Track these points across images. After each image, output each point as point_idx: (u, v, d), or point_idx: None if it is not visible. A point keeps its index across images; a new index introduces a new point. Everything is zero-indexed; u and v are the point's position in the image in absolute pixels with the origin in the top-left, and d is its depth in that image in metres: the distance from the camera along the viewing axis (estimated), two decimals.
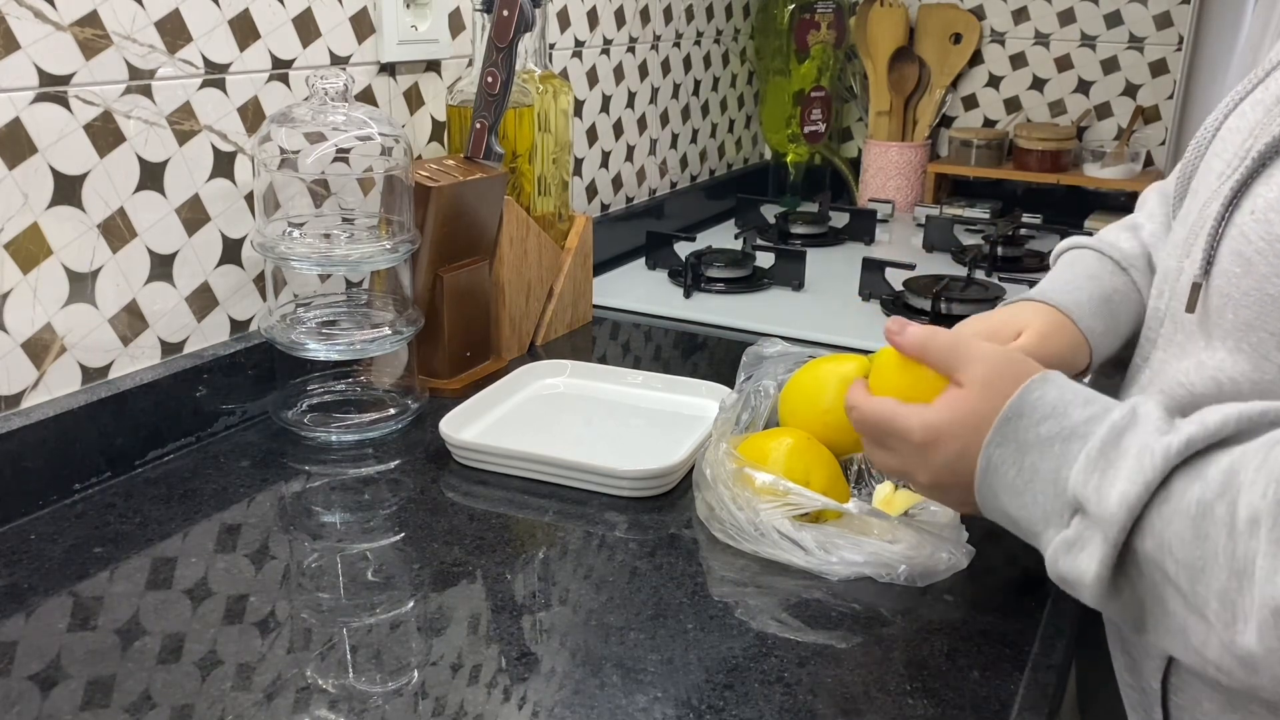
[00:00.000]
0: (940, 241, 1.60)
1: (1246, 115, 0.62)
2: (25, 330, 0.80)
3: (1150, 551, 0.50)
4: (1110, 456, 0.52)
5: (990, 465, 0.58)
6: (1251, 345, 0.56)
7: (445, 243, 1.02)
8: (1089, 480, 0.52)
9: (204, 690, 0.61)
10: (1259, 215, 0.55)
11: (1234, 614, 0.46)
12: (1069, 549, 0.53)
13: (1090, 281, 0.76)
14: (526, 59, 1.13)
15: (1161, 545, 0.49)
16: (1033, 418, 0.57)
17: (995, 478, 0.58)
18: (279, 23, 0.96)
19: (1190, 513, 0.48)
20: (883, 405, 0.65)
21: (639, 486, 0.84)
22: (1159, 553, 0.50)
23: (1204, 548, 0.47)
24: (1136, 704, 0.66)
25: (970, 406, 0.60)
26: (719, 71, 1.82)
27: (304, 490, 0.86)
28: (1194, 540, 0.48)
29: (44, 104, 0.79)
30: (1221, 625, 0.47)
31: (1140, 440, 0.51)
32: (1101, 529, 0.51)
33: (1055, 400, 0.57)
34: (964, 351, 0.62)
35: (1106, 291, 0.75)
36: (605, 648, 0.65)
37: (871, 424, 0.66)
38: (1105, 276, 0.76)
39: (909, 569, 0.72)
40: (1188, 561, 0.48)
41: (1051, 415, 0.56)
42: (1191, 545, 0.48)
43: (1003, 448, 0.57)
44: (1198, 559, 0.48)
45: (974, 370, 0.61)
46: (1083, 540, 0.52)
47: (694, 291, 1.37)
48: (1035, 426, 0.56)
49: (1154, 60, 1.79)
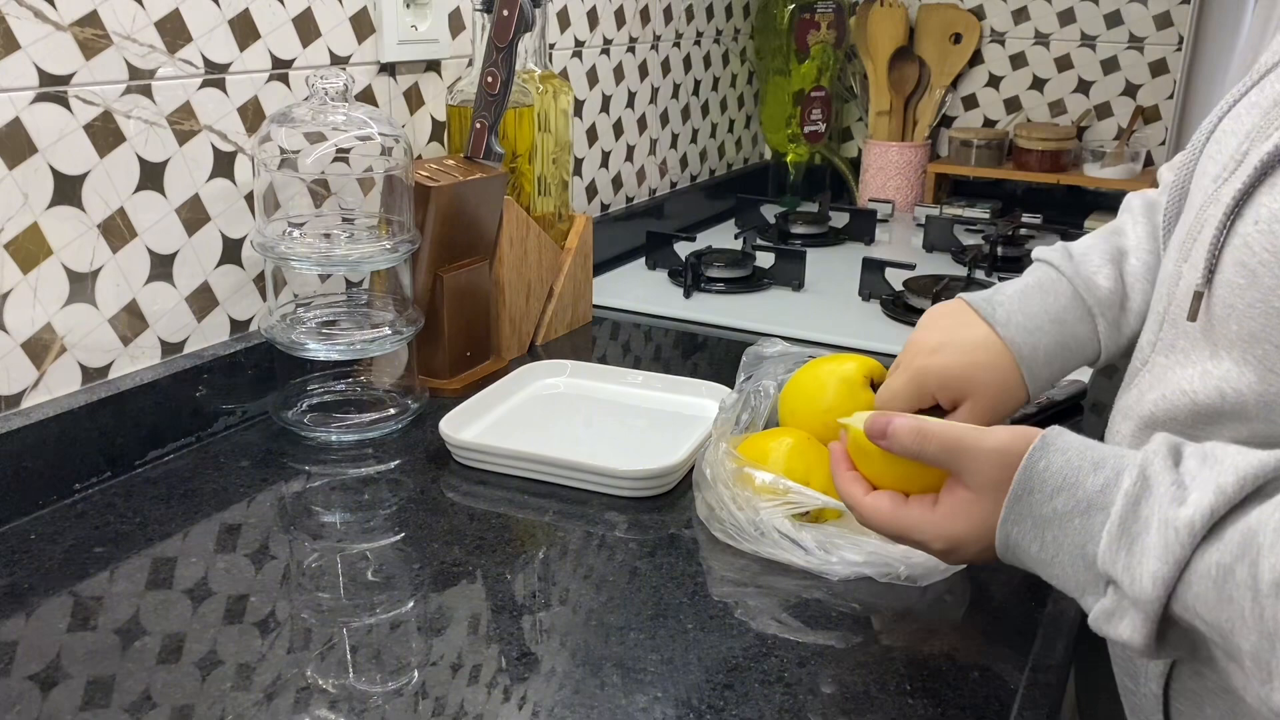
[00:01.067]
0: (940, 241, 1.60)
1: (1242, 118, 0.62)
2: (25, 330, 0.80)
3: (1178, 614, 0.50)
4: (1133, 531, 0.51)
5: (1010, 542, 0.57)
6: (1257, 358, 0.55)
7: (445, 243, 1.02)
8: (1117, 559, 0.51)
9: (204, 690, 0.61)
10: (1264, 226, 0.55)
11: (1269, 673, 0.46)
12: (1110, 618, 0.52)
13: (1054, 327, 0.75)
14: (526, 59, 1.13)
15: (1186, 609, 0.49)
16: (1044, 492, 0.55)
17: (1019, 553, 0.57)
18: (279, 23, 0.96)
19: (1211, 575, 0.48)
20: (888, 512, 0.62)
21: (639, 486, 0.84)
22: (1186, 614, 0.50)
23: (1229, 610, 0.47)
24: (1138, 709, 0.66)
25: (984, 511, 0.58)
26: (719, 71, 1.82)
27: (304, 490, 0.86)
28: (1218, 603, 0.48)
29: (44, 104, 0.79)
30: (1257, 682, 0.47)
31: (1160, 513, 0.50)
32: (1139, 607, 0.50)
33: (1062, 468, 0.55)
34: (963, 457, 0.59)
35: (1065, 340, 0.75)
36: (605, 648, 0.65)
37: (881, 527, 0.64)
38: (1071, 322, 0.75)
39: (909, 569, 0.71)
40: (1215, 623, 0.48)
41: (1064, 488, 0.54)
42: (1216, 608, 0.48)
43: (1019, 525, 0.56)
44: (1225, 621, 0.48)
45: (981, 474, 0.58)
46: (1121, 610, 0.52)
47: (694, 291, 1.37)
48: (1049, 501, 0.55)
49: (1154, 60, 1.79)
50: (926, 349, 0.76)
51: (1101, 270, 0.76)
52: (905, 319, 1.27)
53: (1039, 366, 0.74)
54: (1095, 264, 0.77)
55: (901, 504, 0.62)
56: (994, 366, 0.74)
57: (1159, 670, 0.62)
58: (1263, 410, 0.55)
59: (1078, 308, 0.76)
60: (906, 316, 1.27)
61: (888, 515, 0.63)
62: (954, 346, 0.75)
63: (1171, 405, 0.61)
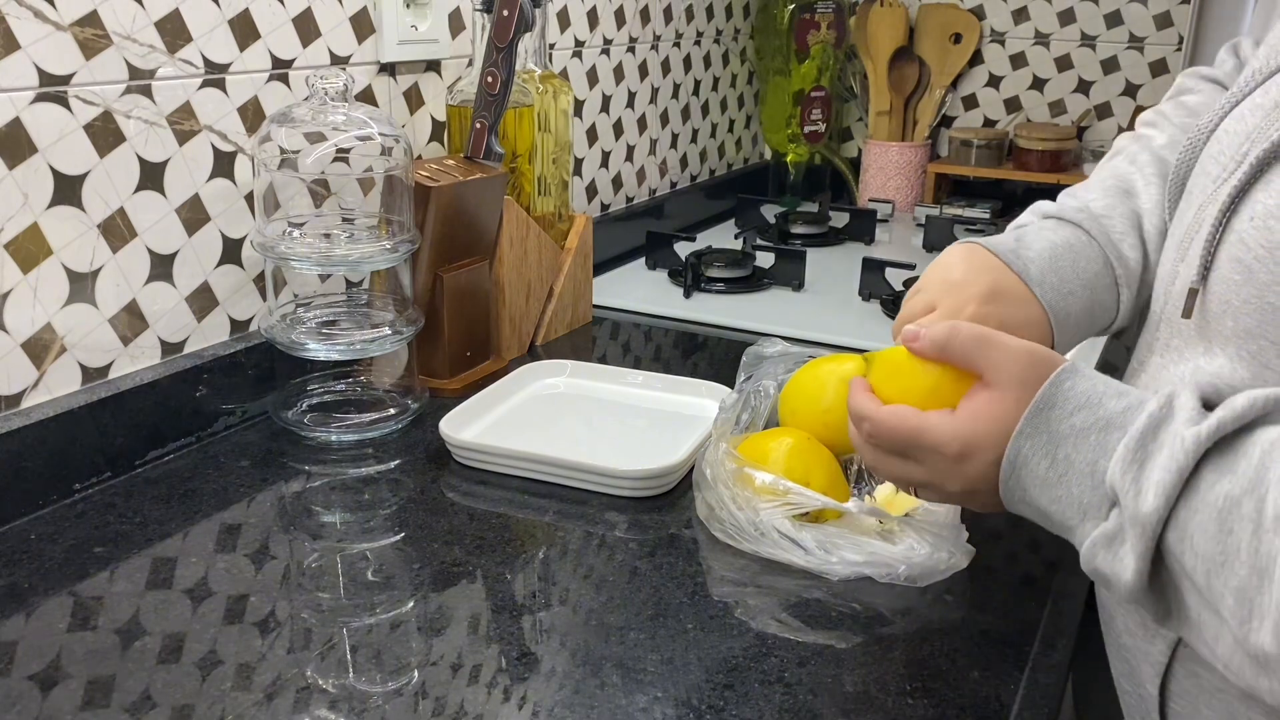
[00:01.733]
0: (940, 241, 1.60)
1: (1245, 119, 0.61)
2: (25, 330, 0.80)
3: (1172, 543, 0.49)
4: (1149, 449, 0.51)
5: (1020, 458, 0.56)
6: (1251, 354, 0.55)
7: (445, 243, 1.02)
8: (1127, 472, 0.51)
9: (204, 690, 0.61)
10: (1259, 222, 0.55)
11: (1250, 611, 0.46)
12: (1109, 543, 0.52)
13: (1085, 292, 0.73)
14: (526, 59, 1.13)
15: (1184, 537, 0.49)
16: (1065, 408, 0.54)
17: (1025, 471, 0.56)
18: (279, 23, 0.96)
19: (1217, 505, 0.48)
20: (905, 418, 0.60)
21: (639, 486, 0.84)
22: (1179, 544, 0.49)
23: (1227, 542, 0.47)
24: (1134, 709, 0.66)
25: (1005, 409, 0.56)
26: (719, 71, 1.82)
27: (304, 490, 0.86)
28: (1218, 534, 0.47)
29: (44, 104, 0.79)
30: (1236, 622, 0.47)
31: (1173, 430, 0.50)
32: (1140, 521, 0.50)
33: (1087, 390, 0.55)
34: (993, 350, 0.58)
35: (1093, 306, 0.73)
36: (605, 648, 0.65)
37: (892, 438, 0.61)
38: (1100, 289, 0.74)
39: (909, 569, 0.71)
40: (1208, 555, 0.48)
41: (1085, 405, 0.54)
42: (1214, 539, 0.47)
43: (1034, 439, 0.55)
44: (1219, 553, 0.47)
45: (1006, 370, 0.57)
46: (1120, 535, 0.51)
47: (694, 291, 1.37)
48: (1069, 417, 0.54)
49: (1154, 60, 1.79)
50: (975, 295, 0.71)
51: (1127, 238, 0.74)
52: None
53: (1067, 331, 0.72)
54: (1121, 229, 0.75)
55: (918, 410, 0.60)
56: (1038, 324, 0.71)
57: (1156, 670, 0.62)
58: None
59: (1107, 276, 0.74)
60: None
61: (906, 417, 0.60)
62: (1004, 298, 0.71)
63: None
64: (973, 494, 0.60)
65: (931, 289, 0.74)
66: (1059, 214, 0.77)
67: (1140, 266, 0.74)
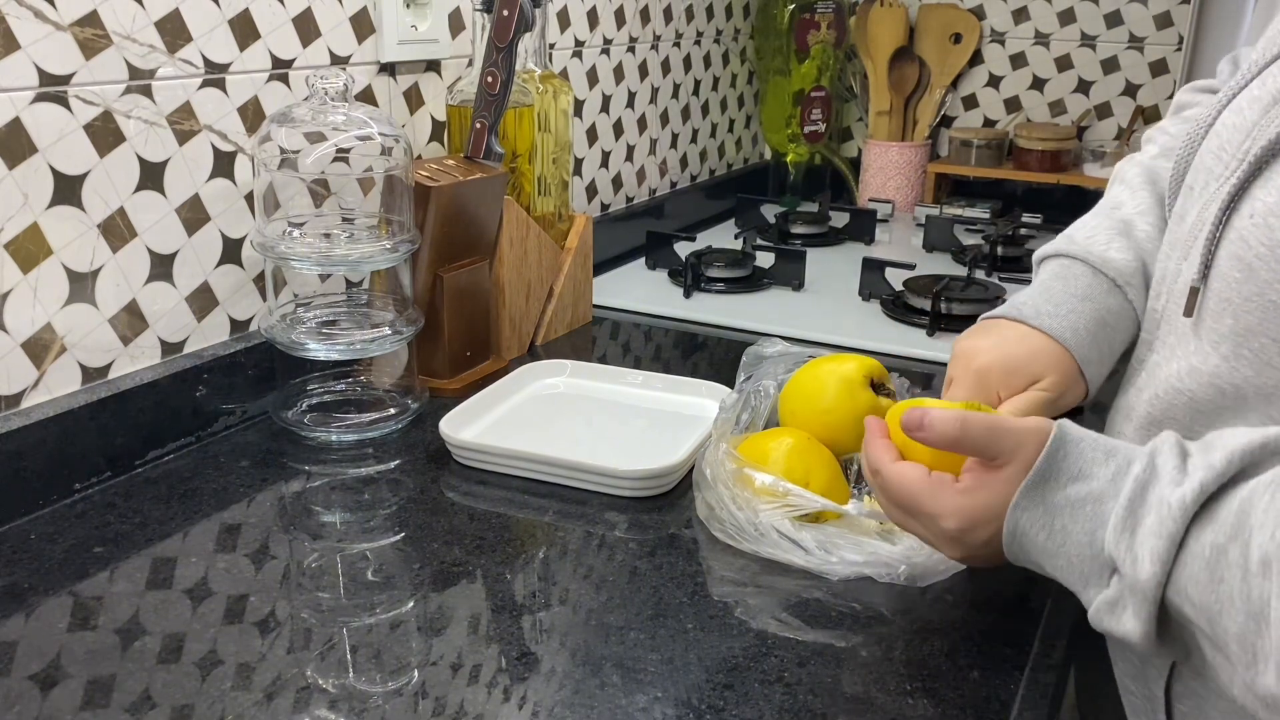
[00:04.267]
0: (940, 241, 1.60)
1: (1243, 112, 0.61)
2: (25, 330, 0.80)
3: (1171, 599, 0.50)
4: (1138, 514, 0.51)
5: (1019, 529, 0.57)
6: (1253, 351, 0.55)
7: (445, 243, 1.02)
8: (1121, 541, 0.52)
9: (204, 690, 0.61)
10: (1259, 220, 0.55)
11: (1253, 656, 0.46)
12: (1112, 608, 0.53)
13: (1084, 305, 0.73)
14: (526, 59, 1.13)
15: (1179, 591, 0.49)
16: (1059, 480, 0.55)
17: (1025, 541, 0.57)
18: (279, 23, 0.96)
19: (1204, 556, 0.48)
20: (908, 482, 0.61)
21: (639, 486, 0.84)
22: (1178, 598, 0.50)
23: (1219, 591, 0.47)
24: (1140, 710, 0.66)
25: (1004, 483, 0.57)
26: (719, 71, 1.82)
27: (304, 490, 0.86)
28: (1210, 584, 0.48)
29: (44, 104, 0.79)
30: (1242, 666, 0.47)
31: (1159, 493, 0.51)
32: (1138, 590, 0.51)
33: (1078, 458, 0.55)
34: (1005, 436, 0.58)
35: (1101, 315, 0.73)
36: (605, 648, 0.65)
37: (897, 497, 0.63)
38: (1099, 297, 0.73)
39: (909, 569, 0.71)
40: (1205, 605, 0.48)
41: (1078, 477, 0.55)
42: (1207, 589, 0.48)
43: (1030, 512, 0.56)
44: (1214, 602, 0.48)
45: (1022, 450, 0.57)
46: (1123, 600, 0.52)
47: (694, 291, 1.37)
48: (1063, 489, 0.55)
49: (1154, 60, 1.79)
50: (981, 350, 0.73)
51: (1112, 244, 0.75)
52: (905, 319, 1.27)
53: (1086, 346, 0.72)
54: (1103, 241, 0.75)
55: (927, 476, 0.61)
56: (1050, 353, 0.72)
57: (1162, 672, 0.62)
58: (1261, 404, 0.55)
59: (1101, 283, 0.74)
60: (906, 316, 1.27)
61: (911, 483, 0.61)
62: (1008, 341, 0.73)
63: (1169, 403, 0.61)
64: (970, 559, 0.62)
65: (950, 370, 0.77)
66: (1044, 255, 0.79)
67: (1138, 265, 0.74)
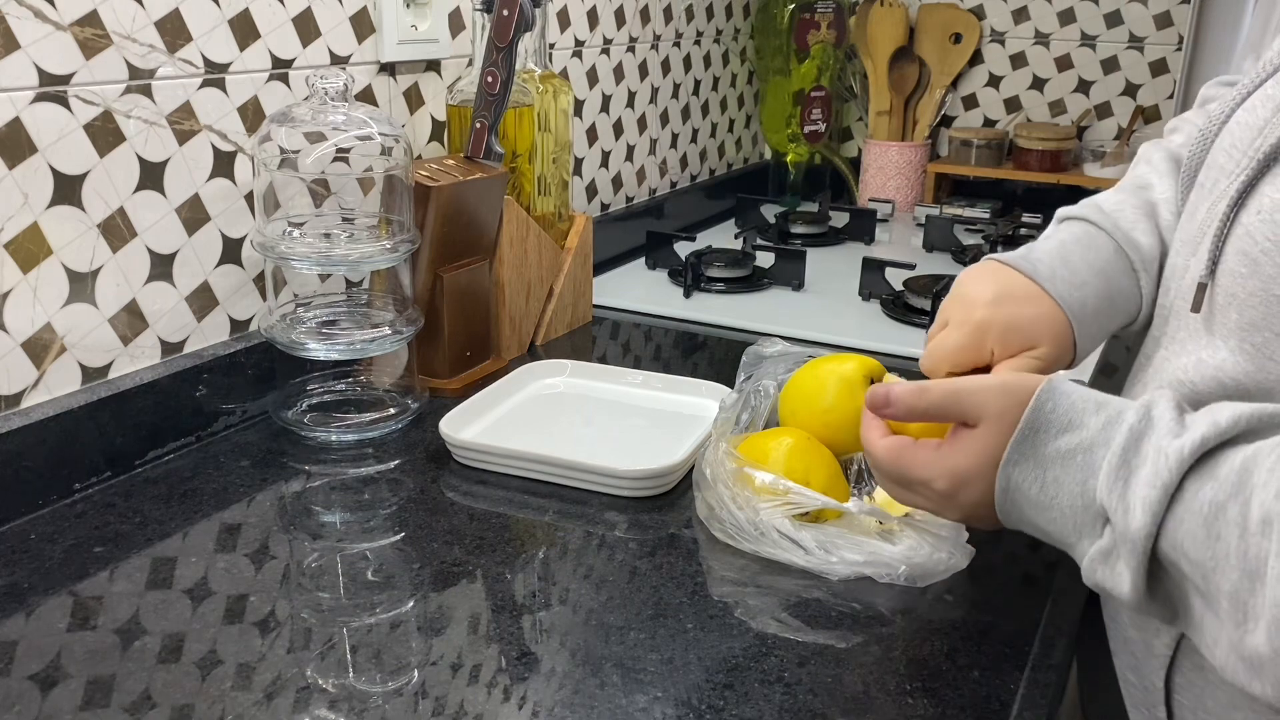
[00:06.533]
0: (940, 241, 1.60)
1: (1257, 111, 0.61)
2: (25, 330, 0.80)
3: (1166, 552, 0.50)
4: (1132, 464, 0.51)
5: (1011, 484, 0.57)
6: (1255, 346, 0.55)
7: (445, 243, 1.02)
8: (1113, 489, 0.52)
9: (204, 690, 0.61)
10: (1265, 216, 0.55)
11: (1245, 614, 0.46)
12: (1105, 559, 0.53)
13: (1098, 280, 0.72)
14: (526, 59, 1.13)
15: (1175, 546, 0.49)
16: (1049, 431, 0.55)
17: (1018, 495, 0.57)
18: (279, 22, 0.96)
19: (1203, 513, 0.48)
20: (895, 452, 0.63)
21: (639, 486, 0.84)
22: (1173, 553, 0.49)
23: (1216, 548, 0.47)
24: (1139, 702, 0.66)
25: (990, 443, 0.58)
26: (719, 71, 1.82)
27: (304, 490, 0.86)
28: (1206, 540, 0.48)
29: (44, 104, 0.79)
30: (1232, 625, 0.47)
31: (1155, 443, 0.51)
32: (1129, 541, 0.51)
33: (1068, 409, 0.55)
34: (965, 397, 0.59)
35: (1111, 293, 0.72)
36: (605, 648, 0.65)
37: (888, 470, 0.64)
38: (1115, 276, 0.72)
39: (909, 569, 0.71)
40: (1200, 561, 0.48)
41: (1068, 428, 0.55)
42: (1204, 545, 0.48)
43: (1021, 465, 0.56)
44: (1209, 559, 0.48)
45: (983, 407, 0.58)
46: (1115, 552, 0.52)
47: (694, 291, 1.37)
48: (1053, 440, 0.55)
49: (1154, 60, 1.79)
50: (983, 301, 0.71)
51: (1139, 225, 0.74)
52: (905, 319, 1.27)
53: (1087, 321, 0.71)
54: (1131, 219, 0.74)
55: (910, 444, 0.63)
56: (1052, 319, 0.71)
57: (1161, 663, 0.62)
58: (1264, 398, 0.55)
59: (1121, 262, 0.73)
60: (907, 316, 1.27)
61: (896, 453, 0.63)
62: (1013, 298, 0.71)
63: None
64: (972, 518, 0.62)
65: (946, 309, 0.74)
66: (1068, 214, 0.78)
67: (1158, 252, 0.73)
